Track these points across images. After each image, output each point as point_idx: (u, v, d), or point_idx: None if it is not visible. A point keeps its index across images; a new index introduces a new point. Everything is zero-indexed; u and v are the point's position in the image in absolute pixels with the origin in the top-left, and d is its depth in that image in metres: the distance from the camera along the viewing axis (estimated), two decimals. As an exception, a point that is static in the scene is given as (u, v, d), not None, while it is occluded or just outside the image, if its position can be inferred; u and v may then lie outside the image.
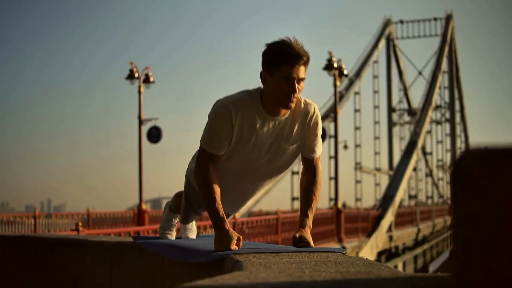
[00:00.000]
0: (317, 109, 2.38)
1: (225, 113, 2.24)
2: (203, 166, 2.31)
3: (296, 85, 2.20)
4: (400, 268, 22.42)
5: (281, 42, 2.20)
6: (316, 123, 2.37)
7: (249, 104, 2.26)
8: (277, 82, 2.19)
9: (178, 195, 2.94)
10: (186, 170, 2.67)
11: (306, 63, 2.21)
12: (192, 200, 2.64)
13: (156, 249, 2.66)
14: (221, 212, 2.25)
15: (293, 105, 2.24)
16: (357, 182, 35.10)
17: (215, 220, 2.24)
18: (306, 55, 2.20)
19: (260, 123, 2.27)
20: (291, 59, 2.17)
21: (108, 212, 16.65)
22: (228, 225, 2.22)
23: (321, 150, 2.45)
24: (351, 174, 35.27)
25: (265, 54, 2.22)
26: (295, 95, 2.21)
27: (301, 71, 2.20)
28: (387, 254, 23.65)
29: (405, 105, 43.48)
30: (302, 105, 2.33)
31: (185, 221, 2.83)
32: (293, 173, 26.00)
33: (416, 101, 42.79)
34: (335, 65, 18.05)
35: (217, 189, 2.28)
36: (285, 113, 2.30)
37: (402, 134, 42.17)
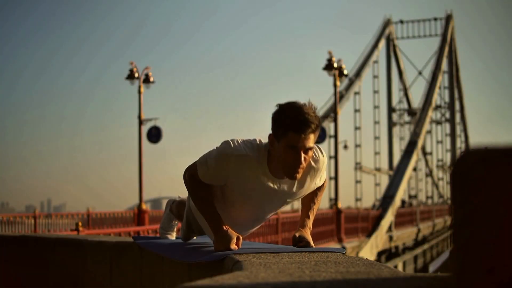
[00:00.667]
0: (325, 159, 2.28)
1: (223, 164, 2.16)
2: (192, 177, 2.27)
3: (303, 155, 2.08)
4: (400, 268, 22.43)
5: (290, 105, 2.07)
6: (323, 174, 2.32)
7: (255, 163, 2.16)
8: (283, 149, 2.07)
9: (180, 204, 2.91)
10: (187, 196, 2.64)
11: (315, 131, 2.07)
12: (194, 226, 2.61)
13: (156, 249, 2.66)
14: (216, 213, 2.24)
15: (298, 176, 2.13)
16: (357, 182, 35.13)
17: (212, 223, 2.24)
18: (315, 122, 2.05)
19: (263, 182, 2.19)
20: (298, 127, 2.03)
21: (108, 212, 16.65)
22: (225, 225, 2.22)
23: (325, 177, 2.40)
24: (351, 174, 35.31)
25: (274, 117, 2.09)
26: (302, 166, 2.10)
27: (309, 140, 2.06)
28: (387, 254, 23.66)
29: (405, 105, 43.53)
30: (312, 162, 2.22)
31: (186, 240, 2.80)
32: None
33: (416, 101, 42.86)
34: (335, 65, 18.05)
35: (209, 193, 2.27)
36: None
37: (402, 134, 42.23)
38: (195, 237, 2.88)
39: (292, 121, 2.03)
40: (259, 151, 2.17)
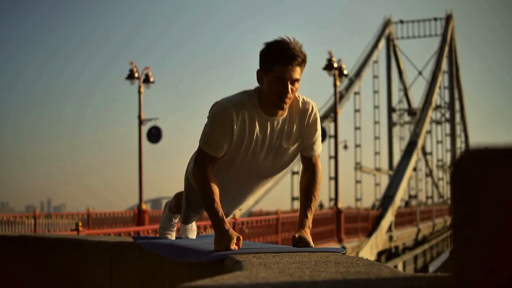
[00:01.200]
0: (315, 107, 2.35)
1: (226, 117, 2.22)
2: (201, 166, 2.29)
3: (290, 86, 2.17)
4: (400, 268, 22.42)
5: (277, 41, 2.18)
6: (314, 121, 2.34)
7: (248, 106, 2.24)
8: (271, 82, 2.17)
9: (178, 195, 2.93)
10: (185, 170, 2.66)
11: (301, 64, 2.17)
12: (192, 200, 2.64)
13: (156, 249, 2.66)
14: (220, 212, 2.25)
15: (286, 106, 2.22)
16: (357, 182, 35.10)
17: (215, 221, 2.24)
18: (301, 55, 2.16)
19: (259, 124, 2.26)
20: (285, 59, 2.14)
21: (108, 212, 16.65)
22: (227, 225, 2.22)
23: (321, 148, 2.43)
24: (351, 174, 35.28)
25: (261, 53, 2.20)
26: (289, 96, 2.18)
27: (296, 72, 2.16)
28: (387, 254, 23.65)
29: (405, 105, 43.51)
30: (300, 104, 2.30)
31: (186, 221, 2.83)
32: (293, 173, 26.00)
33: (416, 101, 42.84)
34: (335, 65, 18.05)
35: (215, 190, 2.27)
36: (282, 113, 2.28)
37: (402, 134, 42.21)
38: (193, 222, 2.91)
39: (279, 54, 2.15)
40: (249, 95, 2.27)
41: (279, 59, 2.14)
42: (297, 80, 2.19)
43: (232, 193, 2.51)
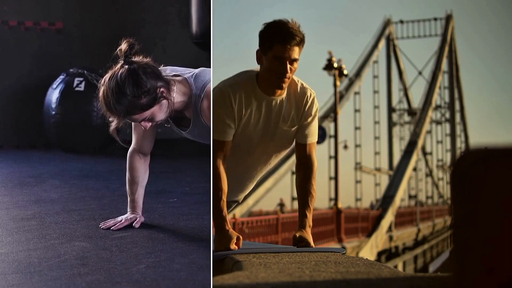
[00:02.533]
0: (313, 94, 2.37)
1: (224, 98, 2.25)
2: (213, 159, 2.28)
3: (288, 66, 2.20)
4: (400, 268, 22.42)
5: (276, 21, 2.22)
6: (311, 106, 2.35)
7: (246, 85, 2.27)
8: (269, 61, 2.20)
9: None
10: None
11: (300, 44, 2.21)
12: None
13: (156, 249, 2.66)
14: (224, 211, 2.24)
15: (285, 85, 2.25)
16: (357, 182, 35.09)
17: (217, 219, 2.23)
18: (299, 35, 2.20)
19: (257, 103, 2.28)
20: (283, 38, 2.18)
21: (108, 212, 16.61)
22: (228, 225, 2.22)
23: (315, 137, 2.41)
24: (351, 174, 35.26)
25: (260, 33, 2.24)
26: (287, 75, 2.21)
27: (294, 52, 2.20)
28: (387, 254, 23.65)
29: (405, 105, 43.49)
30: (299, 88, 2.33)
31: None
32: (293, 173, 25.98)
33: (416, 101, 42.81)
34: (335, 65, 18.04)
35: (224, 186, 2.26)
36: (281, 93, 2.30)
37: (402, 134, 42.17)
38: None
39: (277, 34, 2.19)
40: (247, 75, 2.30)
41: (278, 38, 2.18)
42: (295, 60, 2.22)
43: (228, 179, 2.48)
